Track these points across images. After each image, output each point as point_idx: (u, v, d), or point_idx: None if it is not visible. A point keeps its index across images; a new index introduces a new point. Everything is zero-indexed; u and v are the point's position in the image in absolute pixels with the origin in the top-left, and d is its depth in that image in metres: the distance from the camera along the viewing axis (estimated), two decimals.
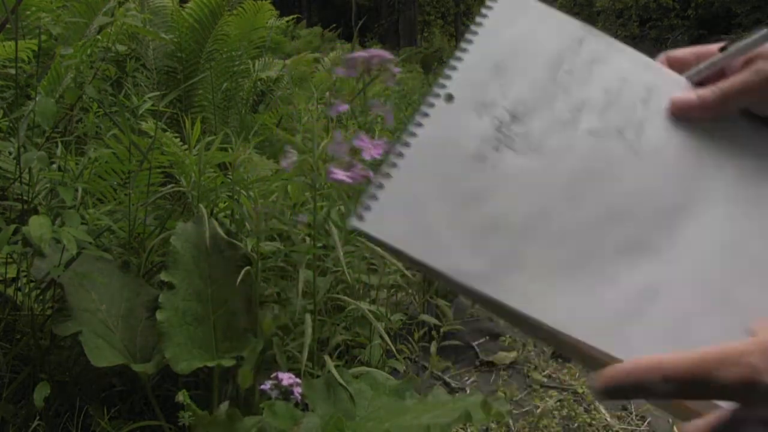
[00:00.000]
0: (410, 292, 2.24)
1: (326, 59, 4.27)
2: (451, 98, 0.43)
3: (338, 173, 0.48)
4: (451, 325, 2.05)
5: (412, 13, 13.65)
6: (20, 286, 1.38)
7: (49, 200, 1.37)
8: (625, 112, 0.45)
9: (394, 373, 1.70)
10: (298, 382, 1.17)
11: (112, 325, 1.32)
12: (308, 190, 1.36)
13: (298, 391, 1.16)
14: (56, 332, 1.25)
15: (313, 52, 4.74)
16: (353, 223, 0.39)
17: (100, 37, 1.55)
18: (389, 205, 0.40)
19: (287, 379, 1.16)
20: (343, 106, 0.50)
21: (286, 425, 1.08)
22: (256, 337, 1.32)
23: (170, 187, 1.65)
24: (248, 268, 1.32)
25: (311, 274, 1.35)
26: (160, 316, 1.25)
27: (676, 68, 0.49)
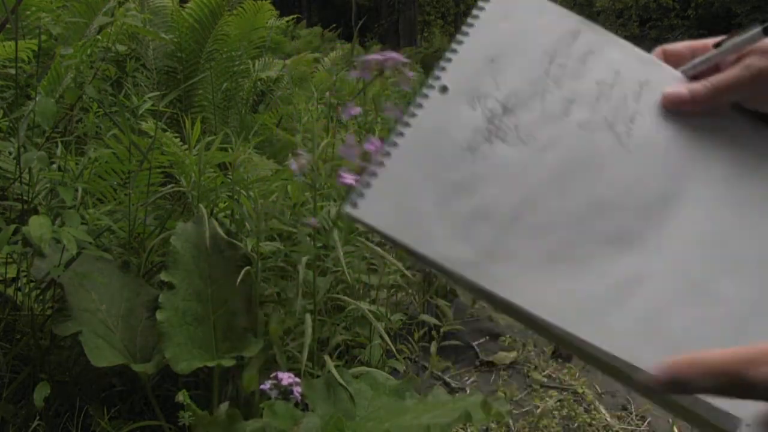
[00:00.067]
0: (410, 292, 2.24)
1: (326, 59, 4.27)
2: (445, 90, 0.44)
3: (348, 177, 0.49)
4: (451, 325, 2.05)
5: (412, 13, 13.64)
6: (20, 286, 1.38)
7: (49, 200, 1.37)
8: (616, 104, 0.46)
9: (394, 373, 1.70)
10: (297, 381, 1.17)
11: (112, 325, 1.32)
12: (308, 190, 1.36)
13: (297, 390, 1.16)
14: (56, 332, 1.25)
15: (313, 52, 4.74)
16: (347, 209, 0.40)
17: (100, 37, 1.55)
18: (382, 192, 0.41)
19: (287, 378, 1.16)
20: (355, 109, 0.50)
21: (286, 425, 1.08)
22: (256, 337, 1.32)
23: (170, 187, 1.65)
24: (248, 268, 1.32)
25: (311, 274, 1.35)
26: (160, 316, 1.25)
27: (671, 62, 0.49)
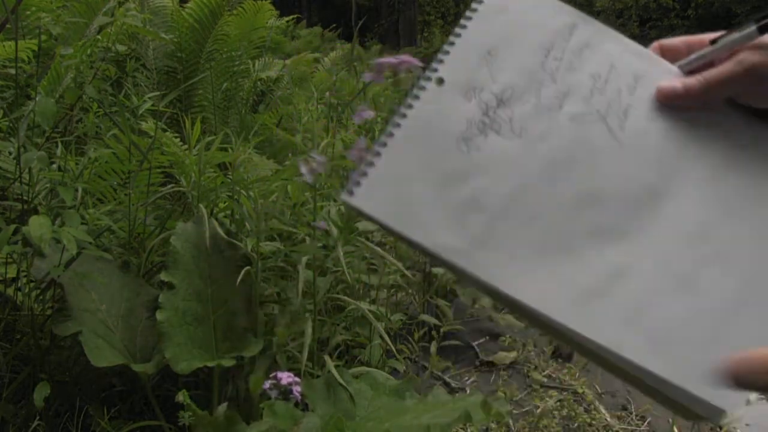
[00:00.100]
0: (410, 292, 2.24)
1: (326, 59, 4.27)
2: (441, 82, 0.45)
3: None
4: (451, 325, 2.05)
5: (412, 13, 13.64)
6: (20, 286, 1.38)
7: (49, 200, 1.37)
8: (610, 98, 0.47)
9: (394, 373, 1.70)
10: (297, 380, 1.17)
11: (112, 325, 1.32)
12: (308, 190, 1.36)
13: (297, 390, 1.16)
14: (56, 332, 1.25)
15: (313, 52, 4.74)
16: (343, 197, 0.41)
17: (100, 37, 1.55)
18: (377, 181, 0.42)
19: (286, 378, 1.16)
20: (368, 112, 0.51)
21: (286, 425, 1.08)
22: (256, 337, 1.32)
23: (170, 187, 1.65)
24: (248, 268, 1.32)
25: (311, 274, 1.35)
26: (160, 316, 1.25)
27: (668, 57, 0.50)
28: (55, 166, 1.39)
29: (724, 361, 0.36)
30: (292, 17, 4.85)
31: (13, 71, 1.49)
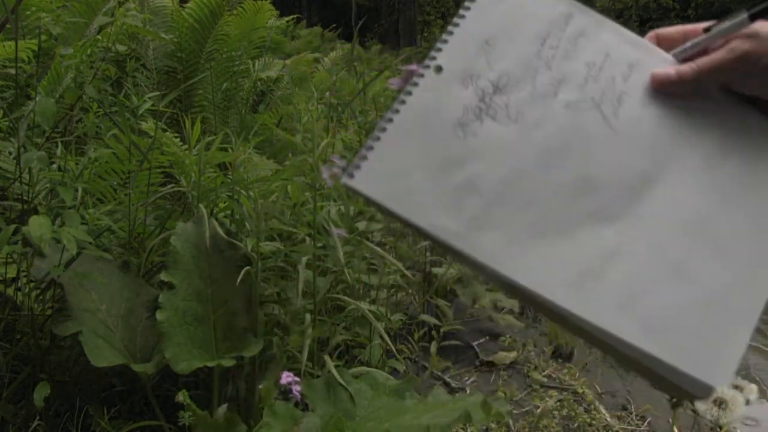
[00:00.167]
0: (410, 292, 2.24)
1: (326, 59, 4.27)
2: (440, 69, 0.46)
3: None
4: (451, 325, 2.05)
5: (412, 13, 13.64)
6: (20, 286, 1.37)
7: (49, 200, 1.37)
8: (604, 85, 0.48)
9: (394, 373, 1.70)
10: (297, 380, 1.17)
11: (112, 325, 1.32)
12: (308, 190, 1.36)
13: (297, 389, 1.16)
14: (56, 332, 1.25)
15: (313, 52, 4.74)
16: (343, 180, 0.42)
17: (100, 37, 1.55)
18: (377, 164, 0.43)
19: (285, 377, 1.16)
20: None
21: (286, 425, 1.08)
22: (256, 337, 1.32)
23: (170, 187, 1.65)
24: (248, 268, 1.32)
25: (311, 274, 1.35)
26: (160, 316, 1.25)
27: (664, 47, 0.50)
28: (55, 166, 1.39)
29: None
30: (292, 17, 4.85)
31: (13, 71, 1.49)
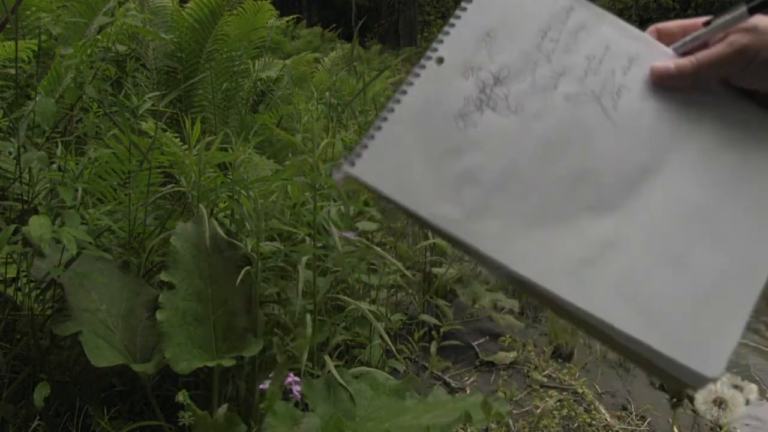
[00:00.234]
0: (410, 292, 2.24)
1: (326, 59, 4.27)
2: (441, 61, 0.47)
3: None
4: (451, 325, 2.05)
5: (412, 13, 13.64)
6: (20, 286, 1.37)
7: (49, 200, 1.37)
8: (604, 78, 0.48)
9: (394, 373, 1.70)
10: (297, 380, 1.17)
11: (112, 325, 1.32)
12: (308, 190, 1.36)
13: (297, 389, 1.16)
14: (56, 332, 1.25)
15: (313, 52, 4.74)
16: (344, 168, 0.43)
17: (100, 37, 1.55)
18: (377, 153, 0.44)
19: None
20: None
21: (286, 425, 1.08)
22: (256, 337, 1.32)
23: (170, 187, 1.65)
24: (248, 268, 1.32)
25: (311, 274, 1.35)
26: (160, 316, 1.25)
27: (665, 41, 0.51)
28: (55, 166, 1.39)
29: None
30: (292, 17, 4.85)
31: (13, 71, 1.49)
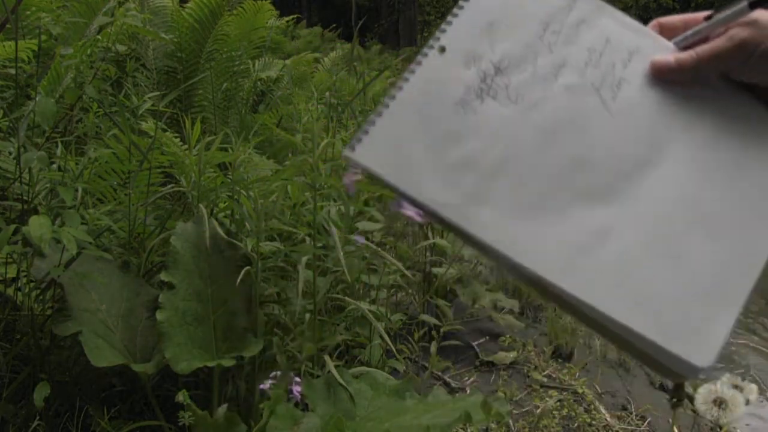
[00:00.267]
0: (410, 292, 2.24)
1: (326, 59, 4.27)
2: (443, 50, 0.47)
3: (410, 208, 0.51)
4: (451, 325, 2.05)
5: (412, 13, 13.64)
6: (20, 286, 1.37)
7: (49, 200, 1.37)
8: (604, 71, 0.49)
9: (394, 373, 1.70)
10: (297, 380, 1.17)
11: (112, 325, 1.32)
12: (308, 190, 1.36)
13: (297, 390, 1.16)
14: (56, 332, 1.25)
15: (313, 52, 4.74)
16: (345, 152, 0.44)
17: (100, 37, 1.55)
18: (378, 138, 0.44)
19: None
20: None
21: (286, 425, 1.08)
22: (256, 337, 1.32)
23: (170, 187, 1.65)
24: (248, 268, 1.32)
25: (311, 274, 1.35)
26: (160, 316, 1.25)
27: (666, 35, 0.51)
28: (55, 166, 1.39)
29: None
30: (292, 17, 4.85)
31: (13, 71, 1.49)
